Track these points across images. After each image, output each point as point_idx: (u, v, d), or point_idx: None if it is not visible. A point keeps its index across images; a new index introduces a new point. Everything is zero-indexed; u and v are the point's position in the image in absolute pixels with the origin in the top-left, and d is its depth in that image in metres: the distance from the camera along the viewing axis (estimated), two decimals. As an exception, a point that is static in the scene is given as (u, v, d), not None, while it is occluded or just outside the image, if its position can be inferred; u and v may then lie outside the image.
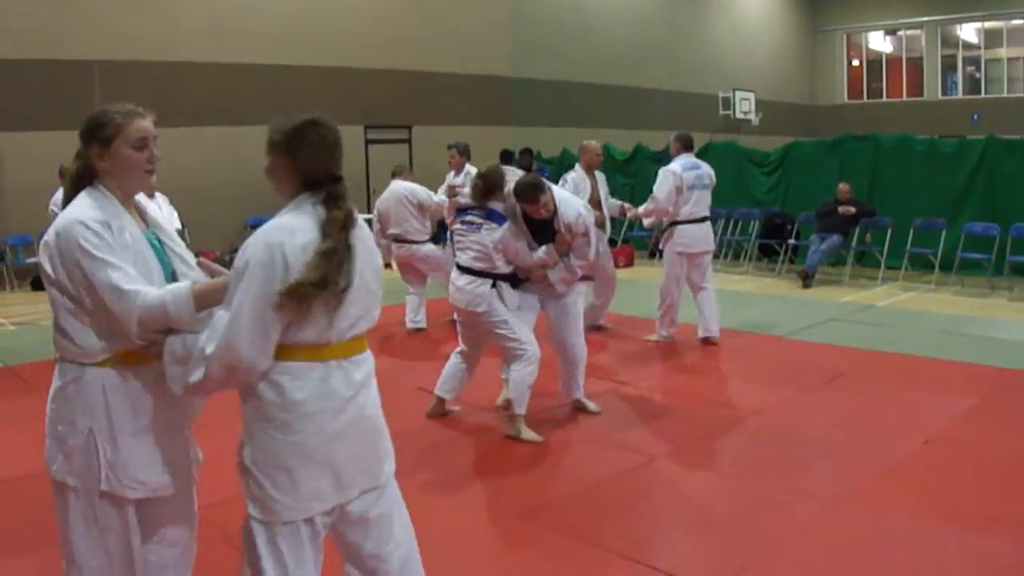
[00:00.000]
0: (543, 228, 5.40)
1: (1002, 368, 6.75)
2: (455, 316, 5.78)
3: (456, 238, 5.60)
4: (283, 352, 2.33)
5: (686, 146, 8.09)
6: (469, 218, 5.48)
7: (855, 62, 29.18)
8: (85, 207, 2.47)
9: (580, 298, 5.91)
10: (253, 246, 2.29)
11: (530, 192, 5.20)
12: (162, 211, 6.76)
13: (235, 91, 14.64)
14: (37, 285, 12.63)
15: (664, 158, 15.14)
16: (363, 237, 2.46)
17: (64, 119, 12.18)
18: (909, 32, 27.64)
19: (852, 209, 11.55)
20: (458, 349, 5.71)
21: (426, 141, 16.62)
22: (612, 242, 15.27)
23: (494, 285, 5.34)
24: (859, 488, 4.47)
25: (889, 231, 11.73)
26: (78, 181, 2.57)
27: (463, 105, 17.68)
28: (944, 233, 11.36)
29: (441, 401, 5.79)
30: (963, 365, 6.90)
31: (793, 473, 4.77)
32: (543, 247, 5.39)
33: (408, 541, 2.64)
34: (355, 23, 16.40)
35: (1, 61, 12.47)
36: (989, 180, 11.49)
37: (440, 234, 11.54)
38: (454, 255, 5.67)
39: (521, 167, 11.55)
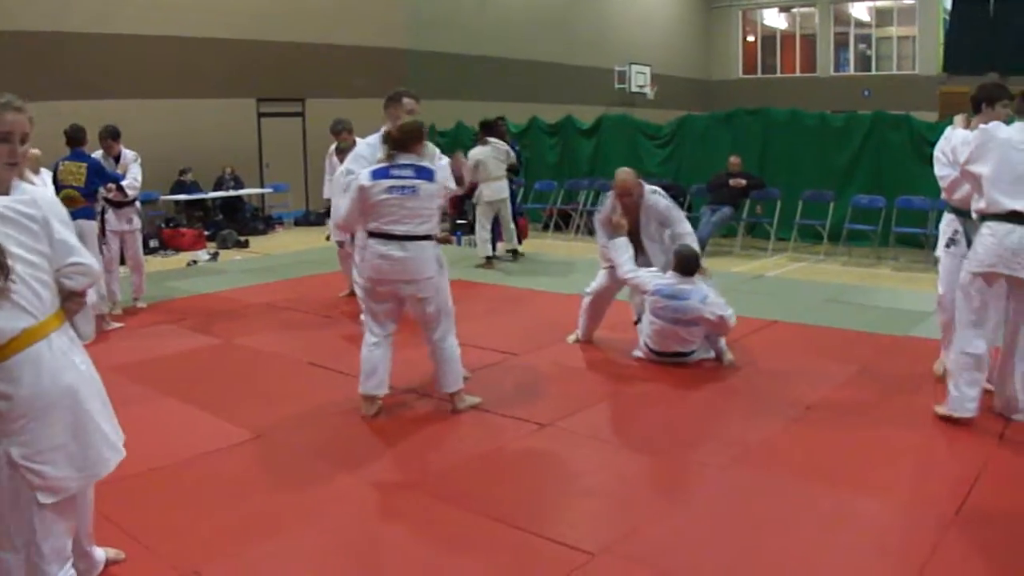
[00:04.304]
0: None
1: (884, 335, 6.87)
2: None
3: (386, 211, 4.86)
4: None
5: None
6: (397, 182, 4.82)
7: (750, 38, 29.53)
8: None
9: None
10: None
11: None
12: (46, 186, 6.50)
13: (124, 64, 13.72)
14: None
15: (560, 130, 15.24)
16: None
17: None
18: (803, 9, 28.09)
19: (743, 181, 11.62)
20: (372, 340, 5.07)
21: (320, 115, 16.17)
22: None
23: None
24: (744, 453, 4.54)
25: (779, 203, 11.85)
26: None
27: (358, 78, 17.25)
28: (832, 205, 11.51)
29: (373, 398, 5.13)
30: (848, 332, 6.98)
31: (679, 440, 4.81)
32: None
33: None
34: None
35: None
36: (876, 154, 11.66)
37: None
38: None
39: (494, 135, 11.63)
